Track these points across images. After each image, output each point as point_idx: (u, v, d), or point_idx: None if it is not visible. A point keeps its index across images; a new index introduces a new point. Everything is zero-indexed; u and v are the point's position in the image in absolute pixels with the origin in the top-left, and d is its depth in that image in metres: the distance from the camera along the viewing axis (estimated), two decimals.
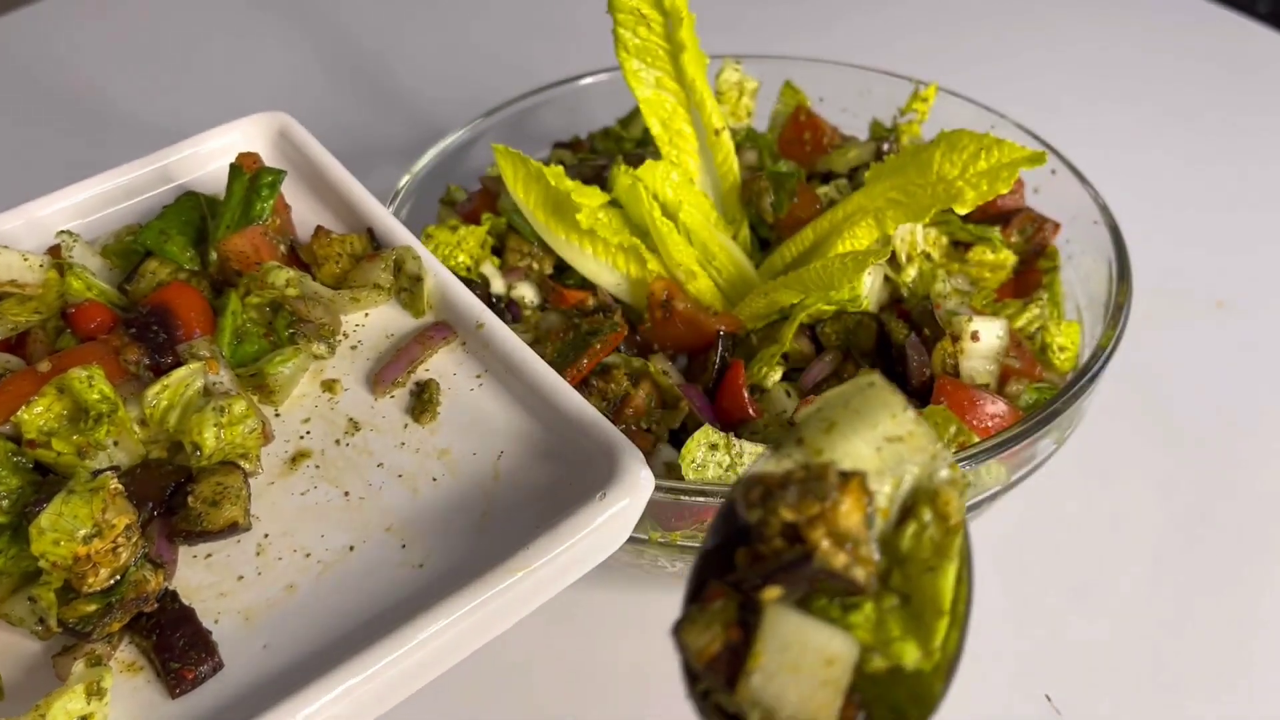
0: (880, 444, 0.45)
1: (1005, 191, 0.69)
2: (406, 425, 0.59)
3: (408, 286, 0.65)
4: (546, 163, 0.93)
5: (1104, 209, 0.82)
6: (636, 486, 0.54)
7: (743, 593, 0.43)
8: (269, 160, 0.72)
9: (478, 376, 0.62)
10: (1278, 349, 0.99)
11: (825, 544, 0.41)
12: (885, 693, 0.43)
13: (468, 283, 0.75)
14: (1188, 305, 1.03)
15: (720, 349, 0.74)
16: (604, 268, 0.78)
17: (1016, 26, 1.46)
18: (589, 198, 0.75)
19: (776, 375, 0.74)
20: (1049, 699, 0.73)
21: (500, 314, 0.63)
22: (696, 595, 0.45)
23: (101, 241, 0.67)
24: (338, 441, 0.59)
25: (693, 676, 0.44)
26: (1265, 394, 0.95)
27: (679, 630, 0.43)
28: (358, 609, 0.51)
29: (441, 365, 0.62)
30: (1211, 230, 1.12)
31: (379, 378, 0.61)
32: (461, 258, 0.81)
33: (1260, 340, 1.00)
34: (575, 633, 0.78)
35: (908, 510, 0.45)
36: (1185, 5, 1.48)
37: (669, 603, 0.79)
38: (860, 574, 0.42)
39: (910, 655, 0.42)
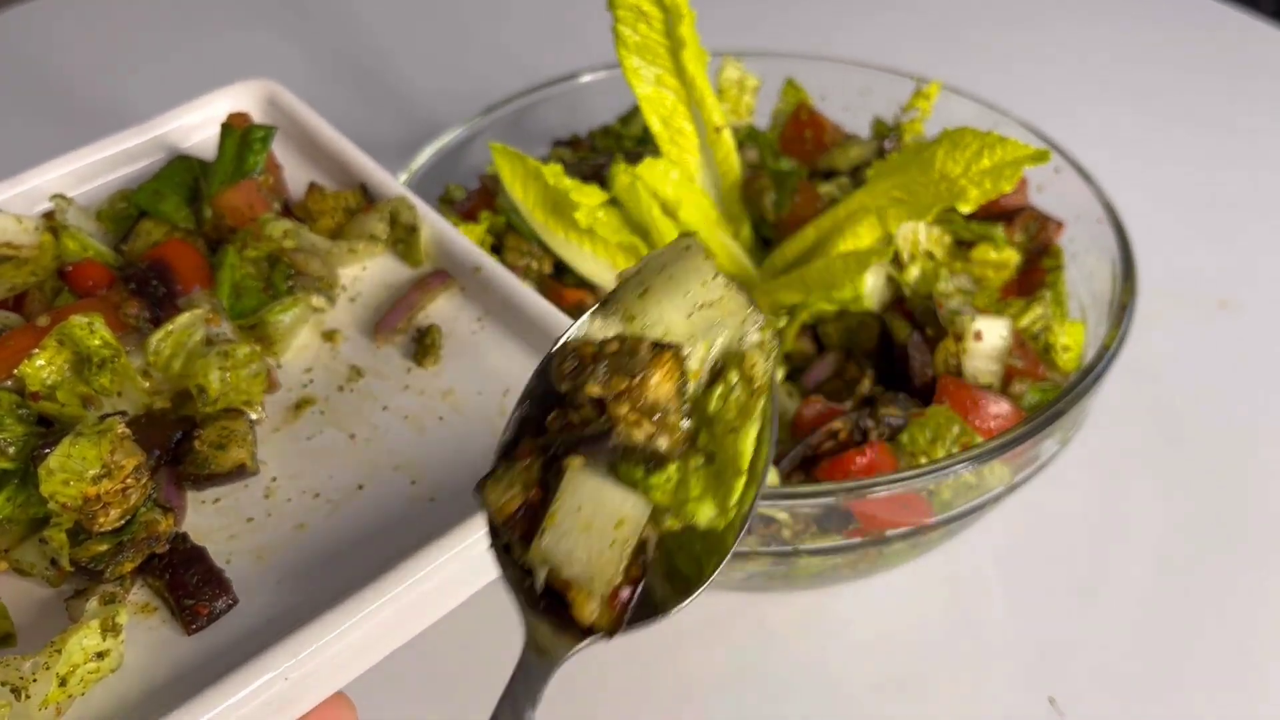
0: (691, 310, 0.46)
1: (1009, 190, 0.69)
2: (410, 370, 0.60)
3: (404, 237, 0.65)
4: (546, 161, 0.92)
5: (1108, 208, 0.82)
6: None
7: (549, 455, 0.45)
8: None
9: (478, 319, 0.62)
10: None
11: (630, 418, 0.44)
12: (683, 545, 0.46)
13: None
14: (1191, 305, 1.03)
15: None
16: (603, 267, 0.78)
17: (1019, 24, 1.45)
18: (588, 196, 0.74)
19: (778, 375, 0.73)
20: (1053, 701, 0.73)
21: None
22: (509, 452, 0.46)
23: (95, 207, 0.67)
24: (341, 388, 0.59)
25: (494, 530, 0.46)
26: (1269, 393, 0.94)
27: (481, 486, 0.45)
28: (371, 543, 0.52)
29: (441, 311, 0.63)
30: (1215, 229, 1.12)
31: (380, 325, 0.62)
32: None
33: (1264, 340, 0.99)
34: None
35: (718, 372, 0.47)
36: (1190, 3, 1.47)
37: None
38: (664, 442, 0.45)
39: (704, 514, 0.45)
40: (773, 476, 0.65)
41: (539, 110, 0.98)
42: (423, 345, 0.60)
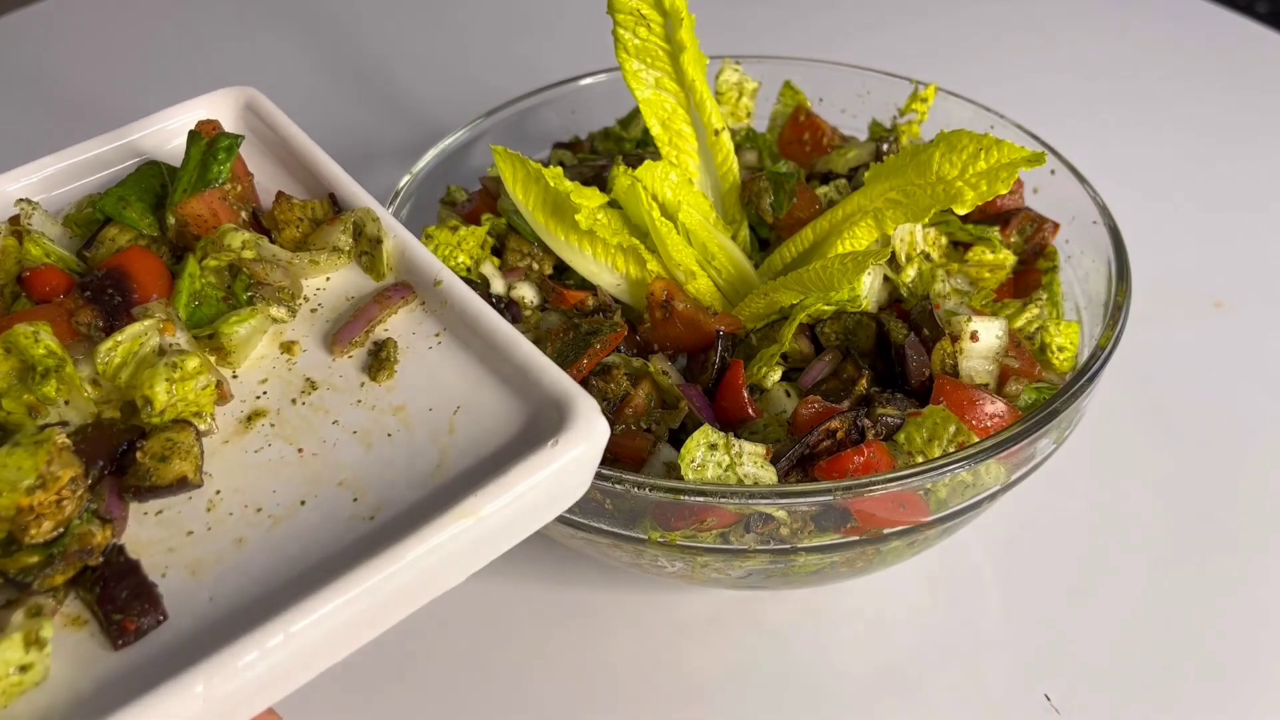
0: None
1: (1004, 192, 0.70)
2: (363, 384, 0.59)
3: (368, 250, 0.65)
4: (546, 163, 0.93)
5: (1103, 209, 0.82)
6: (591, 433, 0.54)
7: None
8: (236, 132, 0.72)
9: (436, 335, 0.62)
10: (1276, 349, 0.99)
11: None
12: None
13: (468, 283, 0.75)
14: (1186, 305, 1.04)
15: (720, 349, 0.74)
16: (603, 268, 0.78)
17: (1015, 26, 1.46)
18: (588, 198, 0.75)
19: (776, 375, 0.74)
20: (1048, 698, 0.74)
21: (501, 314, 0.64)
22: None
23: (64, 212, 0.67)
24: (294, 400, 0.59)
25: None
26: (1264, 393, 0.95)
27: None
28: (306, 560, 0.52)
29: (400, 325, 0.62)
30: (1210, 230, 1.12)
31: (337, 338, 0.61)
32: (461, 258, 0.81)
33: (1259, 340, 1.00)
34: (575, 633, 0.78)
35: None
36: (1185, 5, 1.48)
37: (669, 603, 0.80)
38: None
39: None
40: (771, 475, 0.66)
41: (540, 113, 0.99)
42: (378, 359, 0.60)
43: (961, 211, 0.71)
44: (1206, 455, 0.90)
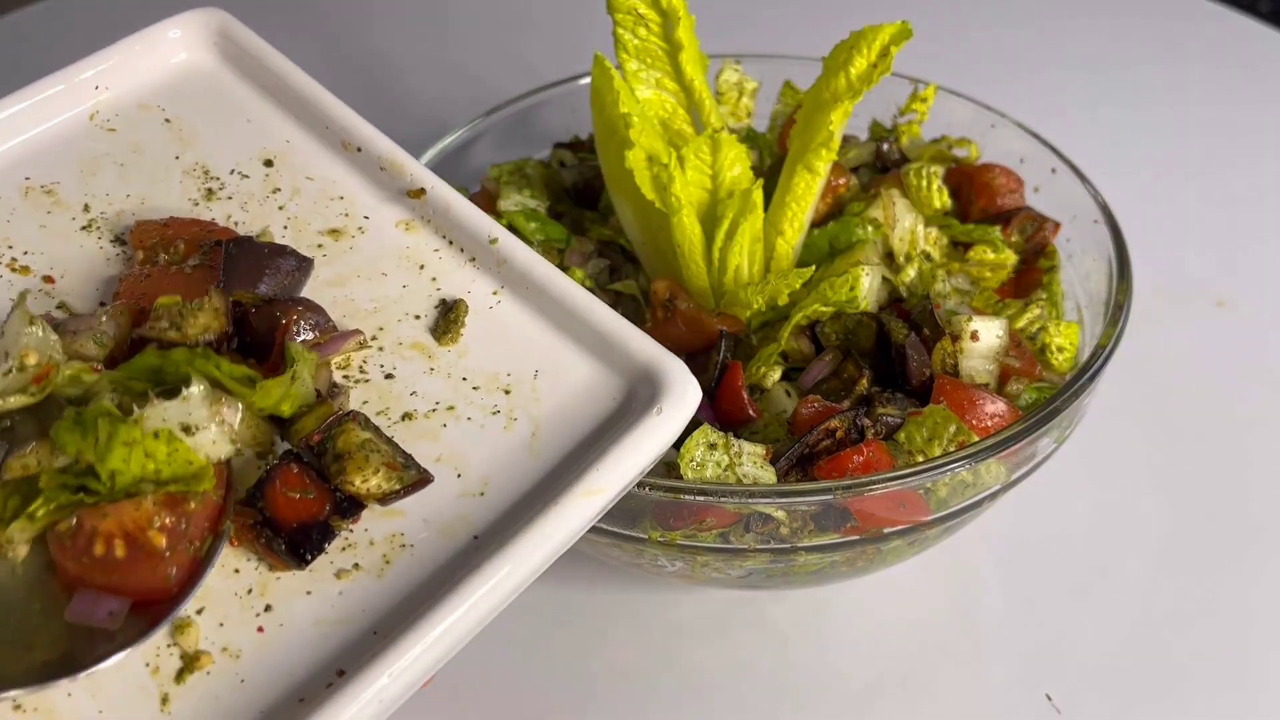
0: None
1: (888, 73, 0.73)
2: (431, 352, 0.56)
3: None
4: (547, 163, 0.93)
5: (1104, 208, 0.82)
6: (687, 398, 0.53)
7: None
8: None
9: (494, 293, 0.59)
10: (1278, 348, 0.99)
11: None
12: None
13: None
14: (1188, 305, 1.03)
15: (723, 349, 0.74)
16: (631, 225, 0.78)
17: (1016, 25, 1.46)
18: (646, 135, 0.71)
19: (775, 375, 0.74)
20: (1049, 698, 0.74)
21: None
22: None
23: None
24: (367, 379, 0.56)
25: None
26: (1265, 393, 0.95)
27: None
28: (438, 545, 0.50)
29: (455, 284, 0.59)
30: (1212, 230, 1.12)
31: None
32: None
33: (1261, 340, 1.00)
34: (575, 632, 0.78)
35: None
36: (1186, 4, 1.47)
37: (669, 603, 0.80)
38: None
39: None
40: (770, 475, 0.65)
41: (540, 112, 0.98)
42: (446, 320, 0.57)
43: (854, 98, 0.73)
44: (1208, 455, 0.89)
